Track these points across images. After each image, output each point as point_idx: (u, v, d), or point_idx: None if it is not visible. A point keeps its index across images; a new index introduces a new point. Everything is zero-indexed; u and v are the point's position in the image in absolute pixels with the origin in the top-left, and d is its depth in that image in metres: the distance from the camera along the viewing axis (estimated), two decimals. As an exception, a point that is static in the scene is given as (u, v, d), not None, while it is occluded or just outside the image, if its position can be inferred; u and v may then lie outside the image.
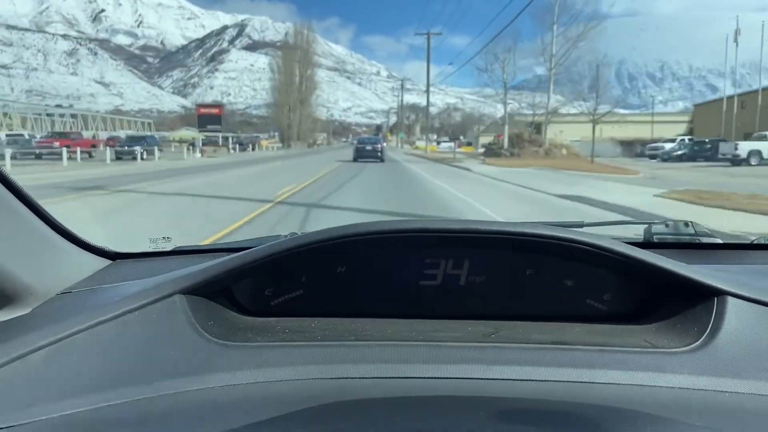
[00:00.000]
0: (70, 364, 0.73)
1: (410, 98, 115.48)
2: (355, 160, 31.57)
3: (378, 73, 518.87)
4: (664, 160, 37.56)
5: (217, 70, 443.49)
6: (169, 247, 1.43)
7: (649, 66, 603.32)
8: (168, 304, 0.82)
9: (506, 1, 30.67)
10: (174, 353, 0.75)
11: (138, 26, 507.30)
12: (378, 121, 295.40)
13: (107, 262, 1.21)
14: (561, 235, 0.82)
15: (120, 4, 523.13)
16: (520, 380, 0.72)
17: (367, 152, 32.00)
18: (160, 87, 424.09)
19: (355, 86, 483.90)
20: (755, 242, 1.51)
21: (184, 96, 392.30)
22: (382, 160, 31.65)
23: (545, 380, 0.71)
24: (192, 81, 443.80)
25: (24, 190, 0.94)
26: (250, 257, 0.85)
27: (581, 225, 1.54)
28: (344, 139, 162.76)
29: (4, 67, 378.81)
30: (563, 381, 0.71)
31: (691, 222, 1.52)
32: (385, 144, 38.15)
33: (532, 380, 0.71)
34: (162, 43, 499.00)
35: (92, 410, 0.67)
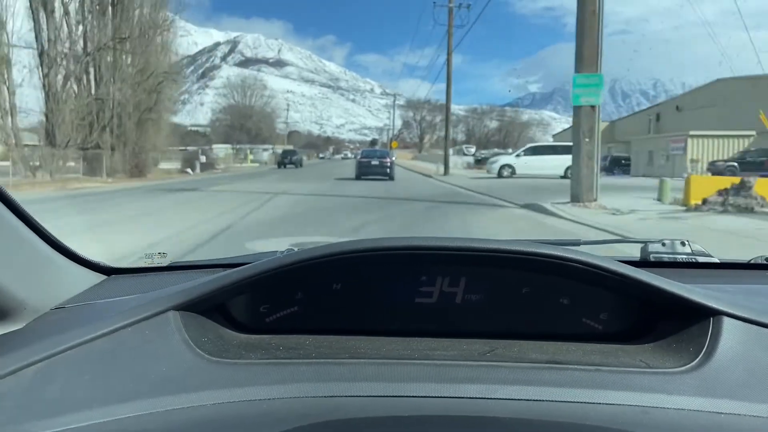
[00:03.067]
0: (62, 380, 0.73)
1: (405, 114, 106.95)
2: (358, 177, 25.37)
3: (372, 90, 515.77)
4: None
5: (207, 86, 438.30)
6: (164, 263, 1.42)
7: (642, 83, 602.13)
8: (162, 320, 0.81)
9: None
10: (167, 370, 0.75)
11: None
12: (370, 138, 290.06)
13: (102, 277, 1.20)
14: (557, 253, 0.82)
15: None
16: (516, 400, 0.71)
17: (373, 168, 25.78)
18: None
19: (348, 103, 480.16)
20: (752, 262, 1.51)
21: (174, 113, 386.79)
22: (391, 177, 25.25)
23: (541, 400, 0.71)
24: (182, 97, 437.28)
25: (19, 204, 0.93)
26: (245, 273, 0.85)
27: (578, 243, 1.52)
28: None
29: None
30: (559, 401, 0.70)
31: (687, 241, 1.51)
32: (394, 157, 30.31)
33: (528, 400, 0.71)
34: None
35: (84, 427, 0.66)
